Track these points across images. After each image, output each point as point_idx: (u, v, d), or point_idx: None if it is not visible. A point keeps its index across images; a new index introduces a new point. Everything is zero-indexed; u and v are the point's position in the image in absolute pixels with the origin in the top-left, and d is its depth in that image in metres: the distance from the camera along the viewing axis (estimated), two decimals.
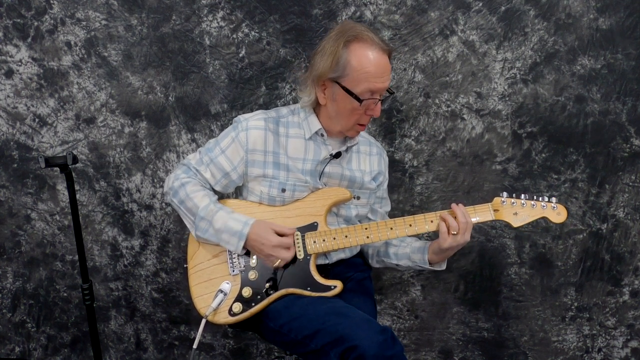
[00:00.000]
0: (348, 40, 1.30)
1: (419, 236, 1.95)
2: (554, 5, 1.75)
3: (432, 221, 1.38)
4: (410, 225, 1.38)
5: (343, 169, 1.45)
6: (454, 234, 1.34)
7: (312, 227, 1.39)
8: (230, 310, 1.36)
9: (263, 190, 1.40)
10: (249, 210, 1.41)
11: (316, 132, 1.42)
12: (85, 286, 1.63)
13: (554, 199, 1.38)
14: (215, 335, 2.12)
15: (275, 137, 1.40)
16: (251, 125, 1.39)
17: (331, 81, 1.33)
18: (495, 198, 1.40)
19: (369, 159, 1.53)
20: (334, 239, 1.38)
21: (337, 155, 1.43)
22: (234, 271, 1.39)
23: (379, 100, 1.34)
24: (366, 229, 1.38)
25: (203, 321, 1.33)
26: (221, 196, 1.48)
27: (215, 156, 1.41)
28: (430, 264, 1.43)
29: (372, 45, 1.30)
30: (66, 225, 2.02)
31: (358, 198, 1.48)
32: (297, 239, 1.38)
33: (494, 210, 1.38)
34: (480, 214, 1.38)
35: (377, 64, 1.30)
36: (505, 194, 1.40)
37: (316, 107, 1.43)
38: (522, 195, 1.40)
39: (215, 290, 1.37)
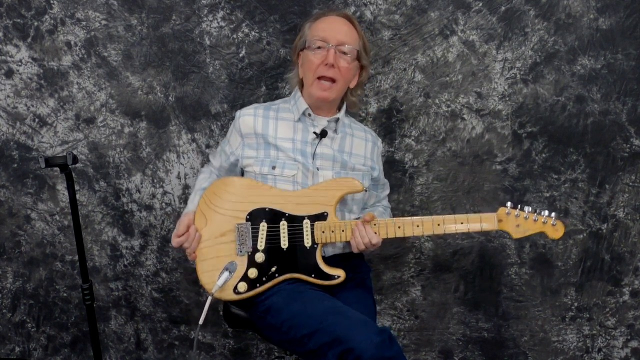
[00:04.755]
0: (315, 18, 1.50)
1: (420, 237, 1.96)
2: (554, 5, 1.75)
3: (438, 224, 1.42)
4: (418, 226, 1.41)
5: (334, 150, 1.51)
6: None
7: (322, 216, 1.41)
8: (235, 288, 1.40)
9: (255, 169, 1.47)
10: (261, 192, 1.44)
11: (303, 113, 1.50)
12: (85, 286, 1.63)
13: (554, 215, 1.40)
14: (215, 335, 2.12)
15: (265, 121, 1.50)
16: (243, 113, 1.53)
17: (301, 52, 1.49)
18: (501, 208, 1.42)
19: (364, 145, 1.59)
20: (343, 231, 1.41)
21: (324, 134, 1.49)
22: (241, 252, 1.41)
23: (330, 46, 1.41)
24: (375, 224, 1.41)
25: (209, 299, 1.33)
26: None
27: (223, 146, 1.59)
28: None
29: (329, 14, 1.49)
30: (66, 225, 2.02)
31: None
32: (307, 226, 1.40)
33: (498, 221, 1.41)
34: (486, 222, 1.41)
35: (329, 20, 1.47)
36: (509, 204, 1.41)
37: (301, 88, 1.54)
38: (526, 208, 1.41)
39: (221, 268, 1.37)
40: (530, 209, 1.41)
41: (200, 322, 1.31)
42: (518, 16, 1.76)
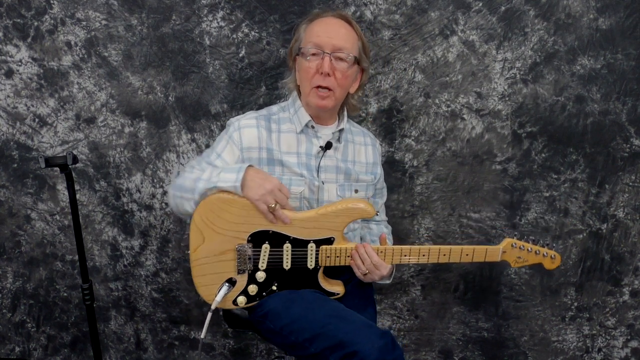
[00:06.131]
0: (310, 20, 1.42)
1: (422, 264, 1.96)
2: (554, 5, 1.75)
3: (444, 255, 1.41)
4: (424, 255, 1.40)
5: (338, 161, 1.47)
6: (364, 275, 1.38)
7: (328, 241, 1.37)
8: (234, 301, 1.39)
9: None
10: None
11: (306, 125, 1.43)
12: (85, 286, 1.63)
13: (554, 248, 1.44)
14: (215, 335, 2.12)
15: (268, 134, 1.42)
16: (243, 124, 1.41)
17: (297, 56, 1.42)
18: (507, 240, 1.42)
19: (364, 150, 1.55)
20: (348, 256, 1.38)
21: (329, 146, 1.44)
22: (241, 271, 1.38)
23: (325, 54, 1.34)
24: (381, 252, 1.38)
25: (209, 314, 1.32)
26: None
27: (212, 161, 1.41)
28: None
29: (324, 15, 1.41)
30: (66, 225, 2.02)
31: (356, 191, 1.49)
32: (311, 249, 1.37)
33: (502, 252, 1.42)
34: (490, 254, 1.42)
35: (324, 22, 1.39)
36: (516, 235, 1.43)
37: (299, 93, 1.47)
38: (530, 240, 1.43)
39: (220, 282, 1.36)
40: (533, 240, 1.43)
41: (202, 336, 1.31)
42: (518, 16, 1.76)
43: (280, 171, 1.40)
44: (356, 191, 1.49)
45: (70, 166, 1.47)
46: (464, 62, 1.80)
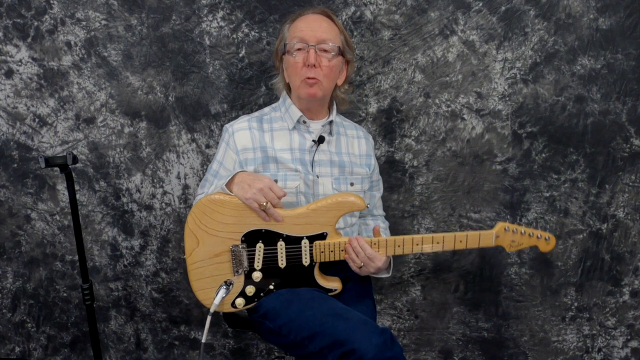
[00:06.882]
0: (292, 19, 1.47)
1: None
2: (554, 5, 1.75)
3: (438, 243, 1.41)
4: (417, 244, 1.40)
5: (331, 154, 1.49)
6: (360, 268, 1.39)
7: (321, 236, 1.38)
8: (233, 303, 1.39)
9: None
10: (256, 213, 1.39)
11: (298, 121, 1.48)
12: (85, 286, 1.63)
13: (547, 232, 1.45)
14: (215, 335, 2.12)
15: (261, 133, 1.47)
16: (236, 128, 1.48)
17: (283, 56, 1.47)
18: (500, 224, 1.43)
19: (357, 142, 1.58)
20: (342, 250, 1.38)
21: (321, 140, 1.47)
22: (237, 272, 1.38)
23: (310, 46, 1.39)
24: (375, 244, 1.39)
25: (208, 318, 1.33)
26: None
27: (217, 170, 1.50)
28: None
29: (306, 12, 1.46)
30: (66, 225, 2.02)
31: (352, 184, 1.50)
32: (305, 246, 1.38)
33: (496, 237, 1.42)
34: (484, 240, 1.42)
35: (306, 19, 1.44)
36: (509, 219, 1.42)
37: (288, 92, 1.51)
38: (524, 223, 1.43)
39: (218, 286, 1.37)
40: (526, 224, 1.42)
41: (203, 340, 1.32)
42: (518, 16, 1.76)
43: (275, 168, 1.44)
44: (352, 184, 1.50)
45: (70, 166, 1.47)
46: (464, 62, 1.80)
